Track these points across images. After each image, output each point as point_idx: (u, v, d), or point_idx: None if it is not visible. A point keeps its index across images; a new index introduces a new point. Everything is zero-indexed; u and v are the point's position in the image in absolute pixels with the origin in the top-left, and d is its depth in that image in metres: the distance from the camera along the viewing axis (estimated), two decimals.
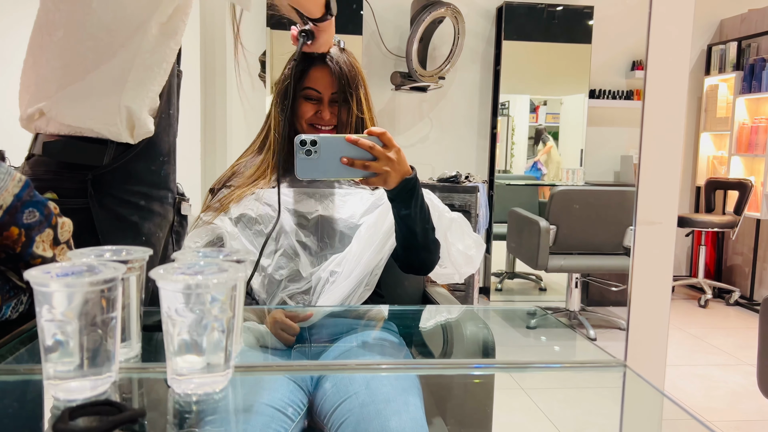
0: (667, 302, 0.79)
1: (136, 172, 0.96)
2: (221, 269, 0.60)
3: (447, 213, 1.24)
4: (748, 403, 2.57)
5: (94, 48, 0.90)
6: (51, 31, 0.91)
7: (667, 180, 0.87)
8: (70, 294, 0.54)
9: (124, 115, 0.92)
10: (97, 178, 0.92)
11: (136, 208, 0.96)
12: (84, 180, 0.91)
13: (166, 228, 1.03)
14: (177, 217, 1.06)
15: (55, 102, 0.91)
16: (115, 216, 0.94)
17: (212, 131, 2.57)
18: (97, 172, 0.92)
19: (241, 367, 0.66)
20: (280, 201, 1.14)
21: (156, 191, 0.99)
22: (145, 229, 0.98)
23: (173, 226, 1.05)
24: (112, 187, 0.94)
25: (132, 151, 0.95)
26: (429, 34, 3.94)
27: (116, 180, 0.94)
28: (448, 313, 1.33)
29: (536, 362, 0.76)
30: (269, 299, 1.15)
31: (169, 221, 1.04)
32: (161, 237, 1.02)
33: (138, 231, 0.97)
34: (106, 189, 0.93)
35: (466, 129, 4.23)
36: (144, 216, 0.97)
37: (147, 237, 0.98)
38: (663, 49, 0.85)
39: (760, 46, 4.22)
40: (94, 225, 0.92)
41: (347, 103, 1.19)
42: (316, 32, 1.15)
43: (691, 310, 4.06)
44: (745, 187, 4.05)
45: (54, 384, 0.57)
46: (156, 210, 0.99)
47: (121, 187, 0.94)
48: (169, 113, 1.01)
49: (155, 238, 1.00)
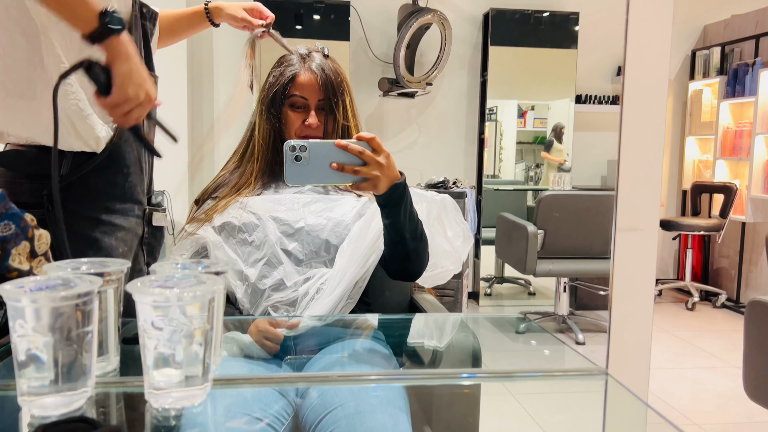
0: (650, 309, 0.79)
1: (96, 185, 0.92)
2: (199, 281, 0.59)
3: (436, 197, 1.25)
4: (735, 405, 2.59)
5: (21, 56, 0.87)
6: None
7: (648, 186, 0.88)
8: (44, 309, 0.53)
9: (68, 124, 0.88)
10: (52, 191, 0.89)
11: (96, 222, 0.92)
12: (41, 192, 0.89)
13: (133, 242, 0.99)
14: (148, 228, 1.03)
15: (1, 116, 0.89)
16: (71, 230, 0.89)
17: (200, 140, 2.55)
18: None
19: (220, 380, 0.65)
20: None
21: (119, 204, 0.95)
22: (106, 244, 0.94)
23: (144, 238, 1.02)
24: (71, 200, 0.90)
25: (91, 163, 0.91)
26: (416, 40, 3.95)
27: (75, 193, 0.90)
28: (436, 321, 1.32)
29: (520, 371, 0.75)
30: (253, 309, 1.14)
31: (138, 234, 1.00)
32: (127, 251, 0.98)
33: (97, 246, 0.93)
34: (65, 202, 0.89)
35: (454, 134, 4.24)
36: (105, 231, 0.94)
37: (107, 252, 0.94)
38: (641, 54, 0.85)
39: (743, 51, 4.27)
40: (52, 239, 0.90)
41: (334, 111, 1.19)
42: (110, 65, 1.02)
43: (678, 313, 4.08)
44: (730, 191, 4.09)
45: (28, 400, 0.56)
46: (118, 224, 0.96)
47: (79, 200, 0.91)
48: None
49: (117, 253, 0.96)
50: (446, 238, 1.25)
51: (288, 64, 1.20)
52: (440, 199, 1.26)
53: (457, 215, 1.28)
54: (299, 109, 1.19)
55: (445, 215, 1.26)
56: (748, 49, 4.23)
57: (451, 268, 1.26)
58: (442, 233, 1.25)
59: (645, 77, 0.86)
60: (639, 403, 0.69)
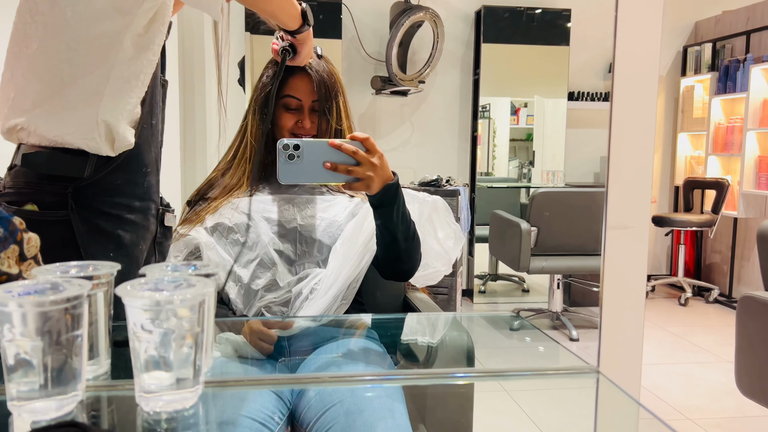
0: (641, 307, 0.80)
1: (118, 184, 0.95)
2: (189, 284, 0.59)
3: (427, 198, 1.25)
4: (728, 400, 2.60)
5: (69, 61, 0.89)
6: (27, 42, 0.90)
7: (638, 183, 0.88)
8: (32, 313, 0.53)
9: (102, 129, 0.91)
10: (77, 190, 0.91)
11: (119, 220, 0.95)
12: (65, 192, 0.90)
13: (149, 240, 1.01)
14: (160, 228, 1.05)
15: (33, 117, 0.90)
16: (96, 229, 0.92)
17: (192, 140, 2.55)
18: (77, 184, 0.91)
19: (212, 383, 0.65)
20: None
21: (139, 203, 0.98)
22: (127, 241, 0.96)
23: (156, 237, 1.03)
24: (94, 199, 0.92)
25: (114, 163, 0.93)
26: (408, 38, 3.95)
27: (97, 192, 0.92)
28: (429, 320, 1.32)
29: (512, 370, 0.76)
30: (246, 309, 1.14)
31: (152, 233, 1.02)
32: (144, 249, 1.01)
33: (120, 243, 0.95)
34: (87, 201, 0.92)
35: (447, 132, 4.24)
36: (126, 228, 0.96)
37: (129, 249, 0.97)
38: (631, 50, 0.86)
39: (734, 47, 4.29)
40: (75, 238, 0.91)
41: (327, 112, 1.19)
42: (297, 46, 1.14)
43: (671, 308, 4.10)
44: (722, 187, 4.11)
45: (17, 405, 0.56)
46: (138, 222, 0.98)
47: (102, 200, 0.93)
48: (151, 124, 1.00)
49: (138, 250, 0.99)
50: (437, 240, 1.25)
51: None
52: (432, 200, 1.26)
53: (448, 216, 1.28)
54: (293, 110, 1.19)
55: (437, 216, 1.26)
56: (739, 45, 4.25)
57: (442, 269, 1.26)
58: (433, 234, 1.25)
59: (635, 74, 0.87)
60: (630, 401, 0.69)
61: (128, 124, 0.95)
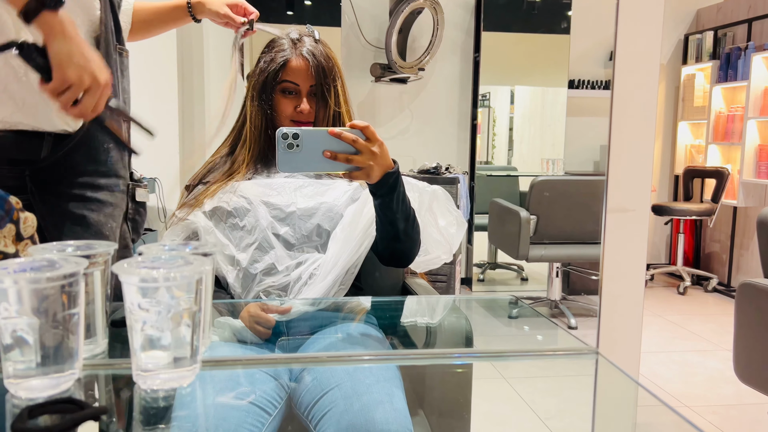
0: (641, 289, 0.79)
1: (78, 163, 0.92)
2: (186, 262, 0.58)
3: (427, 188, 1.24)
4: (725, 387, 2.62)
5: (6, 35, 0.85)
6: None
7: (639, 168, 0.87)
8: (28, 290, 0.53)
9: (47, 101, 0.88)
10: (35, 173, 0.88)
11: (82, 199, 0.92)
12: (22, 175, 0.88)
13: (119, 217, 0.99)
14: (132, 204, 1.03)
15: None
16: (59, 210, 0.90)
17: (190, 123, 2.53)
18: (35, 166, 0.89)
19: (209, 362, 0.65)
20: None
21: (103, 180, 0.95)
22: (94, 220, 0.94)
23: (128, 213, 1.02)
24: (54, 181, 0.90)
25: (71, 141, 0.91)
26: (408, 25, 3.92)
27: (57, 173, 0.90)
28: (428, 303, 1.32)
29: (511, 351, 0.75)
30: (245, 294, 1.13)
31: (122, 209, 1.00)
32: (114, 227, 0.99)
33: (87, 223, 0.93)
34: (47, 184, 0.89)
35: (447, 120, 4.22)
36: (91, 208, 0.94)
37: (97, 229, 0.95)
38: (632, 38, 0.85)
39: (735, 35, 4.27)
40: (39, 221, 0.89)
41: (325, 96, 1.18)
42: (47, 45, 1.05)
43: (670, 297, 4.11)
44: (722, 176, 4.11)
45: (14, 383, 0.56)
46: (105, 200, 0.96)
47: (62, 180, 0.91)
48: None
49: (106, 228, 0.97)
50: (438, 228, 1.24)
51: (279, 49, 1.19)
52: (432, 190, 1.25)
53: (449, 204, 1.27)
54: (291, 94, 1.18)
55: (437, 205, 1.25)
56: (740, 33, 4.23)
57: (443, 257, 1.26)
58: (434, 223, 1.24)
59: (636, 62, 0.86)
60: (629, 382, 0.69)
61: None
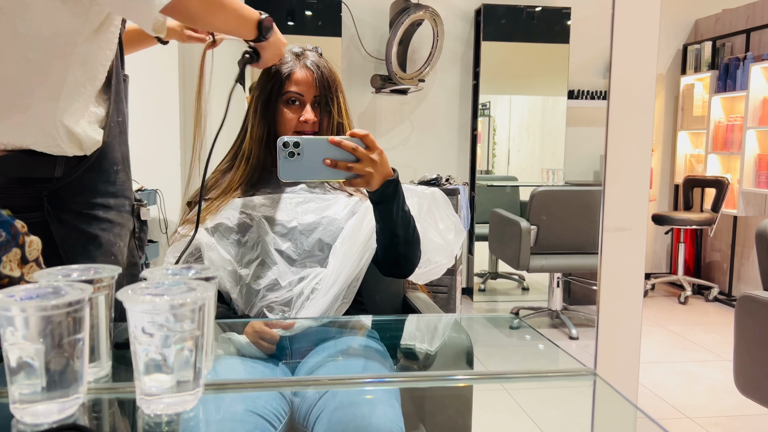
0: (639, 309, 0.80)
1: (91, 184, 0.95)
2: (189, 288, 0.59)
3: (426, 191, 1.25)
4: (727, 398, 2.61)
5: (23, 67, 0.87)
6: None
7: (636, 184, 0.88)
8: (34, 317, 0.54)
9: (63, 132, 0.90)
10: (53, 192, 0.91)
11: (96, 219, 0.95)
12: (39, 195, 0.90)
13: (126, 236, 1.02)
14: (137, 223, 1.05)
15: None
16: (75, 230, 0.93)
17: (192, 134, 2.54)
18: (52, 186, 0.91)
19: (212, 385, 0.65)
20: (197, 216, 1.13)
21: (113, 200, 0.98)
22: (105, 240, 0.97)
23: (135, 232, 1.04)
24: (69, 200, 0.92)
25: (86, 163, 0.93)
26: (408, 36, 3.94)
27: (72, 193, 0.92)
28: (430, 321, 1.33)
29: (510, 372, 0.76)
30: (248, 309, 1.14)
31: (130, 229, 1.03)
32: (123, 246, 1.01)
33: (99, 243, 0.95)
34: (63, 203, 0.92)
35: (447, 131, 4.24)
36: (104, 227, 0.96)
37: (108, 248, 0.97)
38: (628, 49, 0.85)
39: (734, 46, 4.29)
40: (54, 239, 0.91)
41: (329, 106, 1.20)
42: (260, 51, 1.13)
43: (671, 306, 4.11)
44: (722, 185, 4.11)
45: (20, 408, 0.56)
46: (115, 220, 0.98)
47: (78, 200, 0.93)
48: (117, 121, 1.00)
49: (116, 248, 0.99)
50: (438, 232, 1.25)
51: (282, 62, 1.20)
52: (430, 192, 1.26)
53: (448, 208, 1.28)
54: (294, 104, 1.20)
55: (436, 208, 1.26)
56: (739, 43, 4.25)
57: (444, 263, 1.26)
58: (434, 227, 1.25)
59: (632, 72, 0.86)
60: (627, 403, 0.70)
61: (93, 123, 0.94)
